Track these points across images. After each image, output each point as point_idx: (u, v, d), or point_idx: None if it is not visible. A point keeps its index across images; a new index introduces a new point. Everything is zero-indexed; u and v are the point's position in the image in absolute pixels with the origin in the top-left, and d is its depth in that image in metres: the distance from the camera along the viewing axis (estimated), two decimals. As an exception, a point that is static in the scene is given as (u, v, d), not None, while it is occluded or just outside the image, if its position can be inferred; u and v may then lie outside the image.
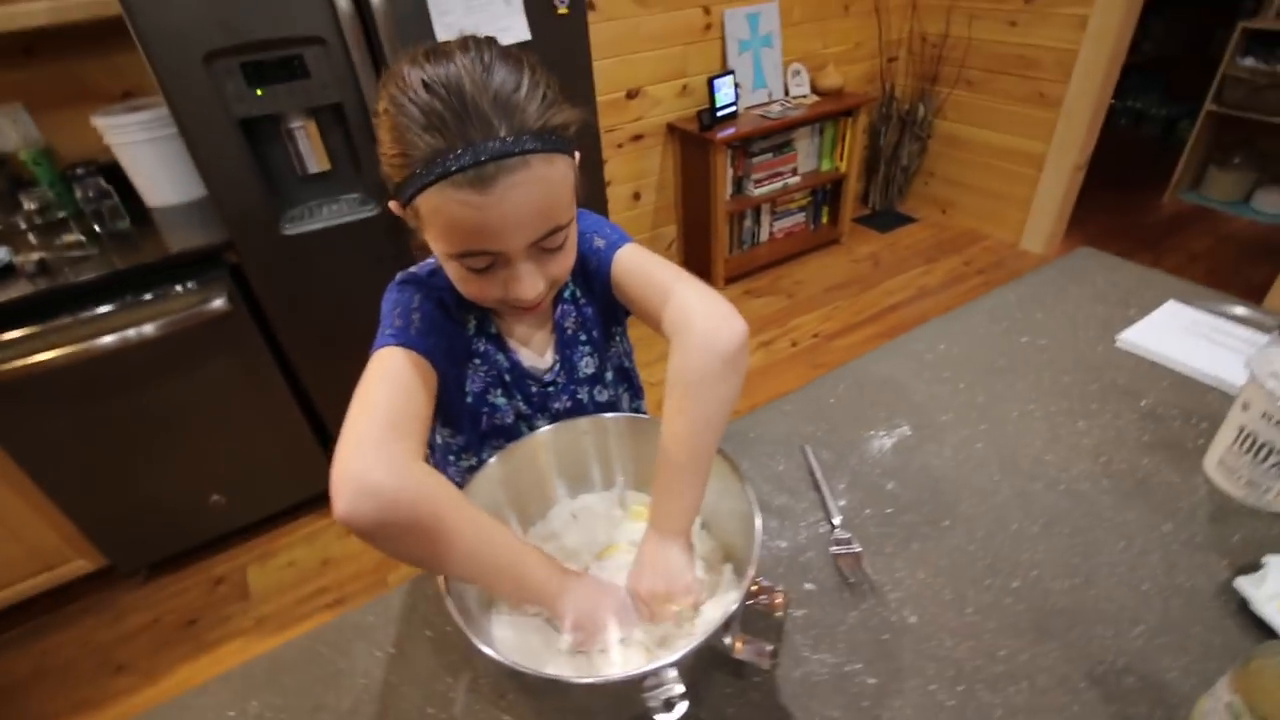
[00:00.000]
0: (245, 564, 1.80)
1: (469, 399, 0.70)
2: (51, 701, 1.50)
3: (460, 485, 0.75)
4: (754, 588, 0.49)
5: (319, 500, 1.90)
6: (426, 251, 0.60)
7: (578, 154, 0.57)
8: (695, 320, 0.59)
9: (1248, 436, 0.68)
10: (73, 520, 1.54)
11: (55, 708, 1.49)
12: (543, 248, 0.56)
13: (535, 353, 0.73)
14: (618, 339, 0.80)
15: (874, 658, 0.60)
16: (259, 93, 1.31)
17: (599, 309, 0.75)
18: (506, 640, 0.56)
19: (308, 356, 1.61)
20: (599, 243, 0.70)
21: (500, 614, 0.58)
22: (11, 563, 1.55)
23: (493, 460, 0.62)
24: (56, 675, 1.56)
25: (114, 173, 1.59)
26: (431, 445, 0.79)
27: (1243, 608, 0.60)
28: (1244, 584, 0.61)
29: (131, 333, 1.38)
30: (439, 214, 0.51)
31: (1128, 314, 1.01)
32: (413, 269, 0.68)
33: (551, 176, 0.52)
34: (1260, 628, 0.58)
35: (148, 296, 1.40)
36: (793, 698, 0.57)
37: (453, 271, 0.58)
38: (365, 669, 0.63)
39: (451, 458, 0.76)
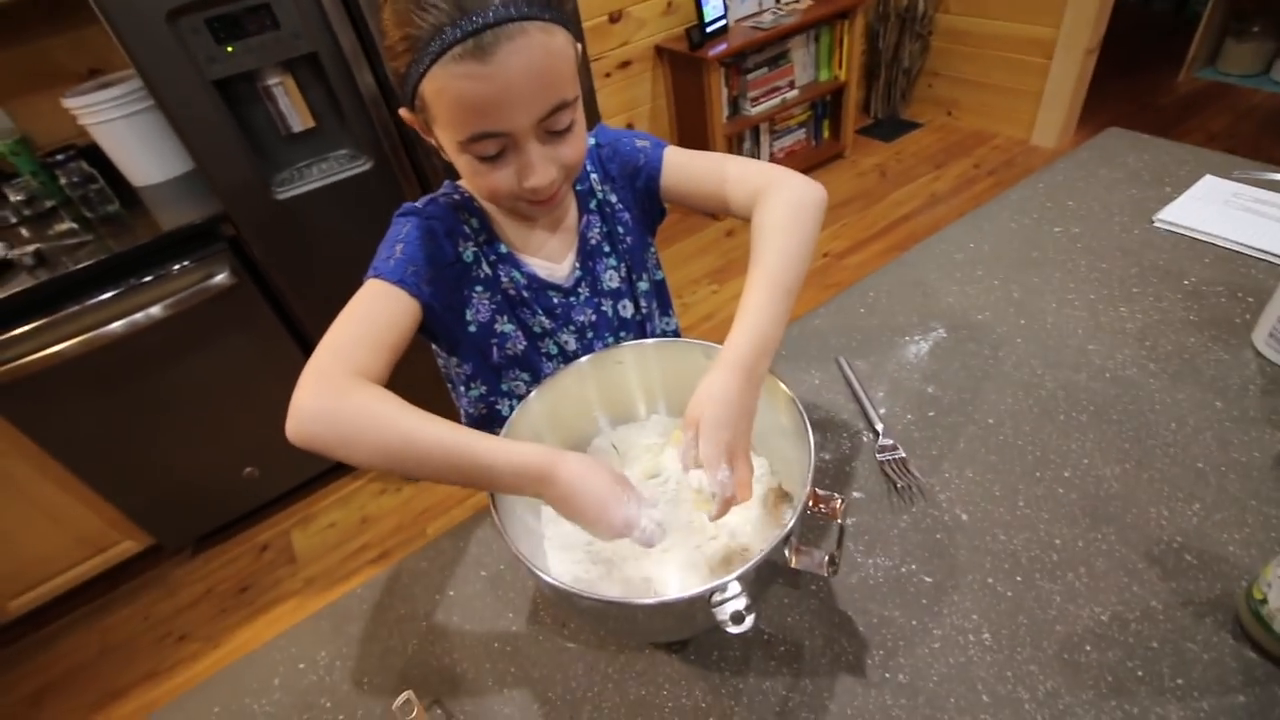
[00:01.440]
0: (288, 529, 1.84)
1: (473, 328, 0.69)
2: (121, 675, 1.57)
3: (475, 414, 0.76)
4: (811, 499, 0.48)
5: (349, 464, 1.93)
6: (440, 178, 0.58)
7: (580, 45, 0.56)
8: (783, 177, 0.65)
9: (1303, 303, 0.66)
10: (113, 504, 1.57)
11: (126, 680, 1.56)
12: (549, 129, 0.55)
13: (552, 261, 0.71)
14: (652, 249, 0.78)
15: (929, 557, 0.60)
16: (229, 50, 1.24)
17: (638, 214, 0.74)
18: (563, 569, 0.57)
19: (318, 320, 1.57)
20: (642, 143, 0.71)
21: (553, 546, 0.58)
22: (61, 550, 1.59)
23: (533, 394, 0.60)
24: (122, 650, 1.63)
25: (95, 155, 1.53)
26: (450, 378, 0.79)
27: (1302, 476, 0.60)
28: (1303, 452, 0.60)
29: (140, 316, 1.37)
30: (444, 95, 0.51)
31: (1164, 193, 0.96)
32: (415, 202, 0.67)
33: (551, 46, 0.51)
34: (1322, 494, 0.58)
35: (149, 278, 1.38)
36: (851, 602, 0.58)
37: (464, 165, 0.57)
38: (426, 612, 0.64)
39: (462, 388, 0.77)
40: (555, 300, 0.71)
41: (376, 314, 0.59)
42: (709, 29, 2.34)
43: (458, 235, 0.66)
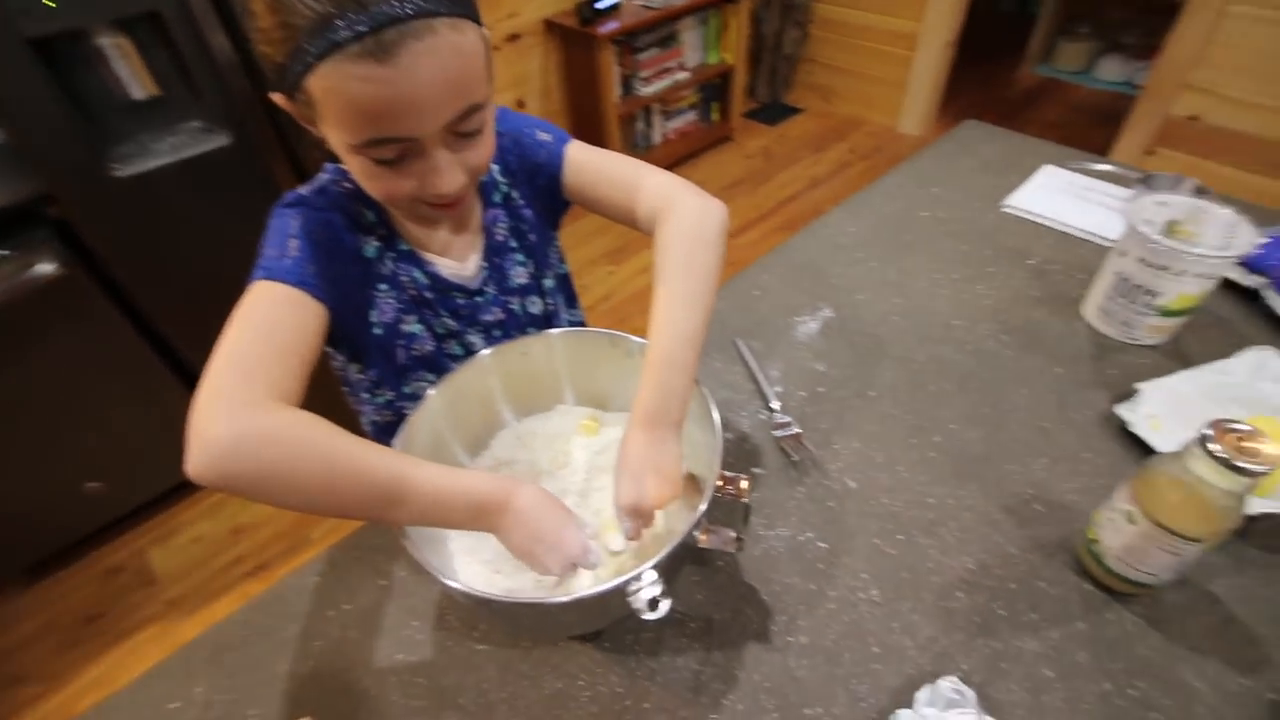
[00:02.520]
0: (144, 548, 1.65)
1: (378, 330, 0.64)
2: (-52, 728, 1.36)
3: (380, 422, 0.72)
4: (719, 481, 0.50)
5: (220, 470, 1.76)
6: (318, 157, 0.52)
7: (488, 32, 0.51)
8: (683, 198, 0.61)
9: (1124, 280, 0.76)
10: (-79, 535, 1.34)
11: (-46, 734, 1.35)
12: (458, 131, 0.50)
13: (456, 261, 0.67)
14: (555, 243, 0.76)
15: (823, 524, 0.64)
16: (49, 3, 1.06)
17: (540, 210, 0.70)
18: (470, 569, 0.55)
19: (173, 314, 1.42)
20: (544, 136, 0.67)
21: (460, 548, 0.56)
22: None
23: (432, 392, 0.57)
24: (-54, 700, 1.40)
25: None
26: (349, 383, 0.73)
27: (1122, 430, 0.69)
28: (1122, 410, 0.69)
29: (-57, 313, 1.16)
30: (335, 95, 0.44)
31: (1011, 180, 1.07)
32: (300, 189, 0.60)
33: (462, 45, 0.46)
34: (1138, 445, 0.67)
35: (-48, 269, 1.17)
36: (755, 573, 0.60)
37: (357, 167, 0.51)
38: (319, 631, 0.59)
39: (365, 395, 0.71)
40: (461, 302, 0.67)
41: (281, 323, 0.50)
42: (599, 5, 2.30)
43: (357, 229, 0.60)
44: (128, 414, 1.49)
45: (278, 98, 0.49)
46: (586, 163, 0.66)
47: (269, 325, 0.50)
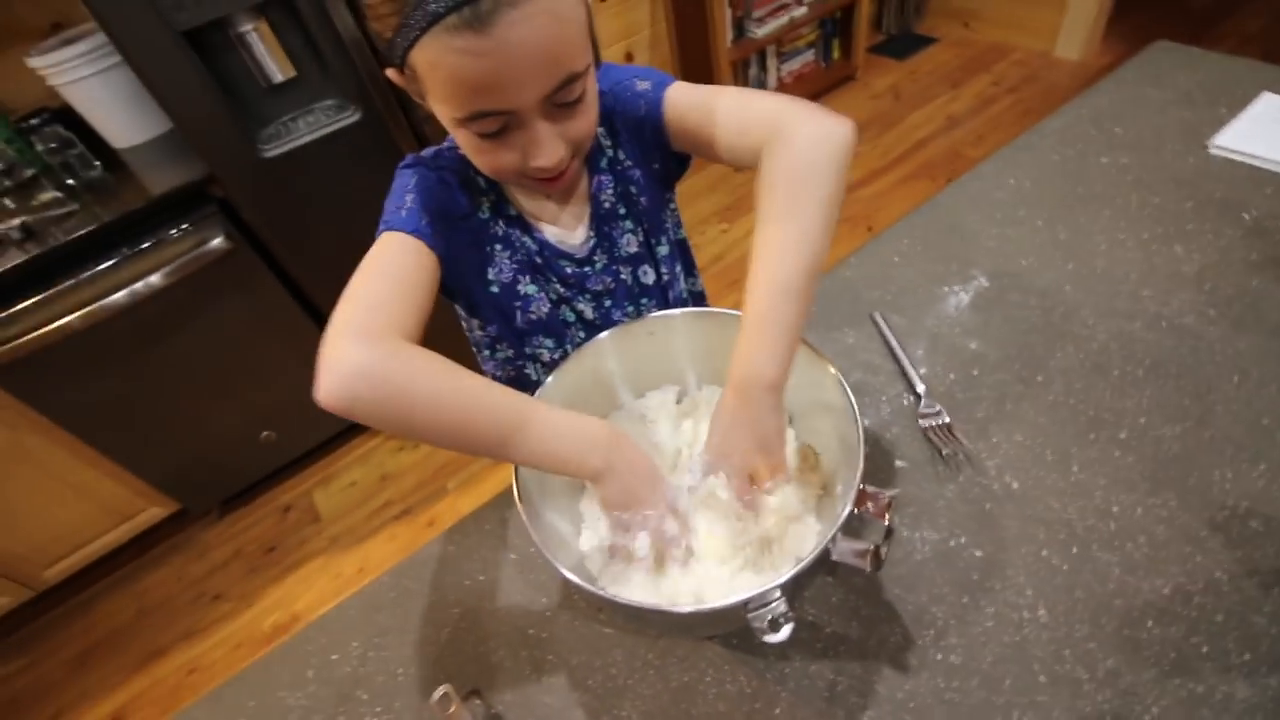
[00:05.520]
0: (309, 490, 1.86)
1: (495, 289, 0.66)
2: (161, 635, 1.62)
3: (501, 378, 0.74)
4: (857, 491, 0.45)
5: (364, 423, 1.93)
6: (437, 126, 0.53)
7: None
8: (801, 117, 0.53)
9: (1390, 241, 0.60)
10: (134, 473, 1.58)
11: (166, 640, 1.61)
12: (558, 102, 0.50)
13: (565, 230, 0.67)
14: (671, 206, 0.73)
15: (978, 529, 0.57)
16: (196, -9, 1.14)
17: (649, 170, 0.67)
18: (596, 558, 0.55)
19: (318, 279, 1.54)
20: (643, 85, 0.63)
21: (587, 529, 0.56)
22: (89, 520, 1.61)
23: (549, 380, 0.57)
24: (159, 611, 1.67)
25: (70, 118, 1.44)
26: (473, 339, 0.77)
27: (1378, 430, 0.56)
28: (1383, 405, 0.56)
29: (140, 285, 1.33)
30: (437, 69, 0.45)
31: (1219, 114, 0.88)
32: (420, 152, 0.63)
33: (559, 11, 0.45)
34: (1402, 450, 0.54)
35: (145, 245, 1.32)
36: (898, 579, 0.55)
37: (464, 141, 0.53)
38: (457, 599, 0.62)
39: (487, 352, 0.74)
40: (569, 270, 0.67)
41: (400, 268, 0.54)
42: (711, -58, 2.15)
43: (472, 188, 0.62)
44: (288, 370, 1.65)
45: (390, 73, 0.51)
46: (689, 104, 0.60)
47: (391, 271, 0.53)
